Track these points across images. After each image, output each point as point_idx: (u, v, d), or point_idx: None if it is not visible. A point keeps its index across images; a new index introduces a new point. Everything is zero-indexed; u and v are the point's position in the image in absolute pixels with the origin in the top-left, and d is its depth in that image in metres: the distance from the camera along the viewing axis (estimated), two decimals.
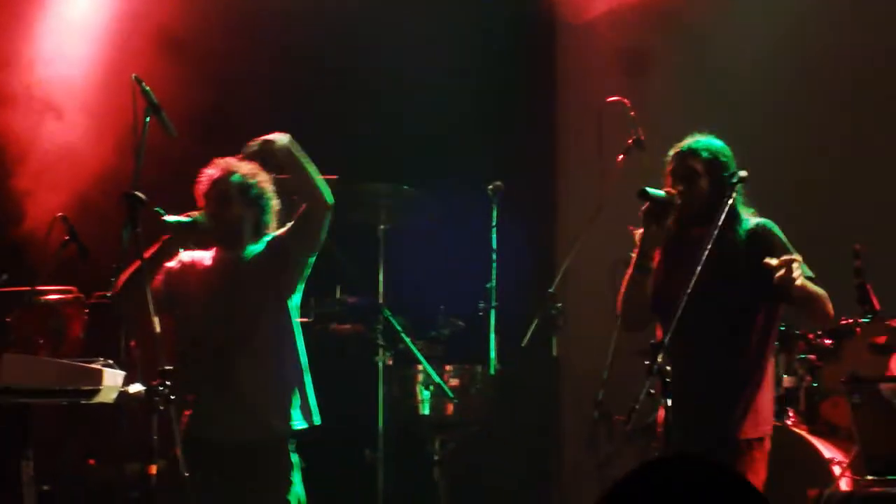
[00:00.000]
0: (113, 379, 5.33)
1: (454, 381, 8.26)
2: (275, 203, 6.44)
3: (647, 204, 5.64)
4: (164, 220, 6.08)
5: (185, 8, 8.79)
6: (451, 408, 8.18)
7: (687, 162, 5.75)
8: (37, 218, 8.07)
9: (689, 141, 5.83)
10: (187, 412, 6.09)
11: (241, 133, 9.09)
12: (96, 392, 5.28)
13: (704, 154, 5.74)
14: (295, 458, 6.19)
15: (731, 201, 5.55)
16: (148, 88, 6.59)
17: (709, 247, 5.39)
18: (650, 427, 7.39)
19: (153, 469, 5.42)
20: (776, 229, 5.77)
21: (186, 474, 5.95)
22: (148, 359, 6.19)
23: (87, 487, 7.41)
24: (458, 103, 9.26)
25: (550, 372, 8.75)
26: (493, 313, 8.11)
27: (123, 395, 5.42)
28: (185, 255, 6.36)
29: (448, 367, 8.35)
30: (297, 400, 6.19)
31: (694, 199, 5.70)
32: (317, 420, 6.26)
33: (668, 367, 5.05)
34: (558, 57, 10.01)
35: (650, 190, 5.61)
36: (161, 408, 5.31)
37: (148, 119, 6.58)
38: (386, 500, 8.16)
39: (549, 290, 7.87)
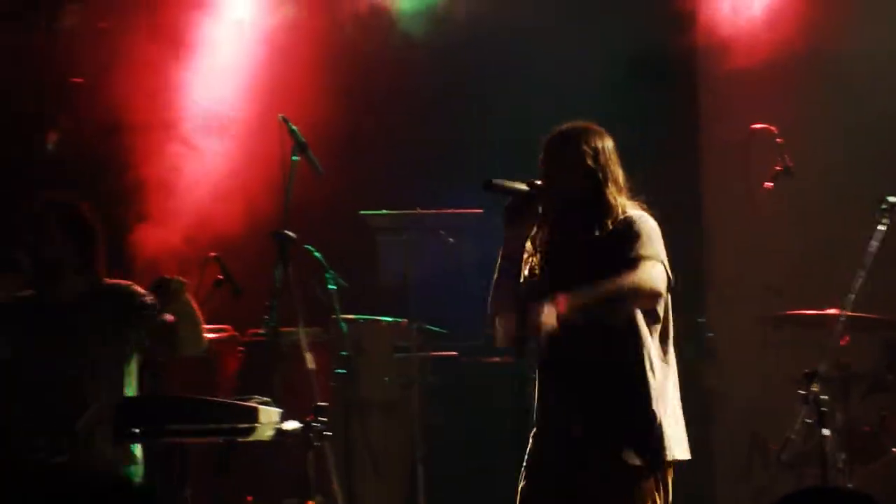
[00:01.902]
0: (268, 416, 5.35)
1: None
2: (99, 233, 5.89)
3: (510, 199, 5.04)
4: None
5: (331, 43, 8.88)
6: None
7: (558, 153, 5.16)
8: (187, 258, 8.11)
9: (560, 129, 5.22)
10: None
11: (387, 166, 9.23)
12: (253, 430, 5.29)
13: (580, 145, 5.16)
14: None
15: (883, 227, 5.21)
16: (295, 128, 6.68)
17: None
18: (806, 456, 7.31)
19: None
20: (640, 221, 5.17)
21: None
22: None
23: None
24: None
25: (701, 401, 8.66)
26: None
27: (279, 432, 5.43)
28: (22, 293, 5.87)
29: None
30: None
31: (562, 193, 5.08)
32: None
33: (822, 398, 4.93)
34: (701, 86, 9.93)
35: (498, 181, 5.01)
36: (316, 444, 5.36)
37: (296, 158, 6.67)
38: None
39: (699, 320, 7.80)
